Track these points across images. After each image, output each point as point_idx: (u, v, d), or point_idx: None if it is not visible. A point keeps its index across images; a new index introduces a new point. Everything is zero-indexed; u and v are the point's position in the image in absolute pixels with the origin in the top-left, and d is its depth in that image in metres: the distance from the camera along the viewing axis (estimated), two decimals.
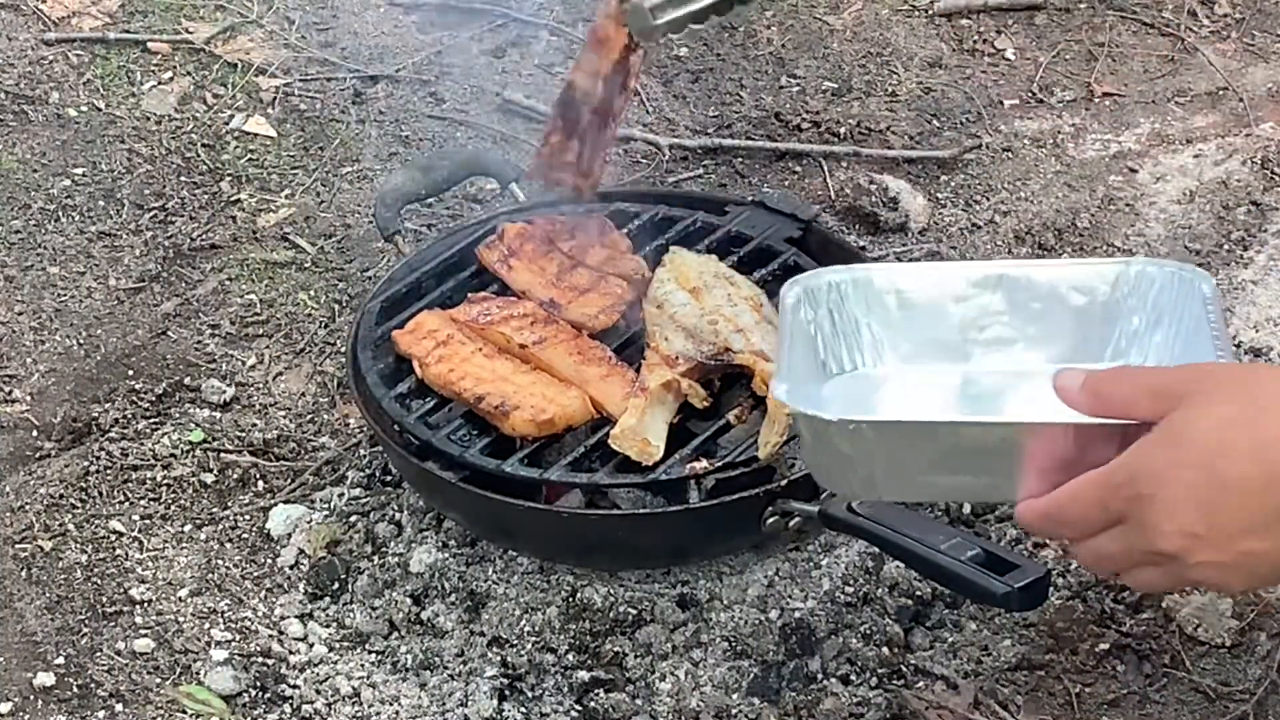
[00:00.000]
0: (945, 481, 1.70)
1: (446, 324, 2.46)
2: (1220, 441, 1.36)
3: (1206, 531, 1.37)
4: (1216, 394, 1.38)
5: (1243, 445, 1.35)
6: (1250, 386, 1.39)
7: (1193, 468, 1.36)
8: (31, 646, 2.37)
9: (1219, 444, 1.36)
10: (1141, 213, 3.11)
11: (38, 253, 3.05)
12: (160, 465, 2.63)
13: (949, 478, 1.67)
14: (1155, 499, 1.38)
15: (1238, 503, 1.35)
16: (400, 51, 3.51)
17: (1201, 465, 1.36)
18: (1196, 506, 1.36)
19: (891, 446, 1.65)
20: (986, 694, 2.26)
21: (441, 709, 2.28)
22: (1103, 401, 1.45)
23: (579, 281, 2.51)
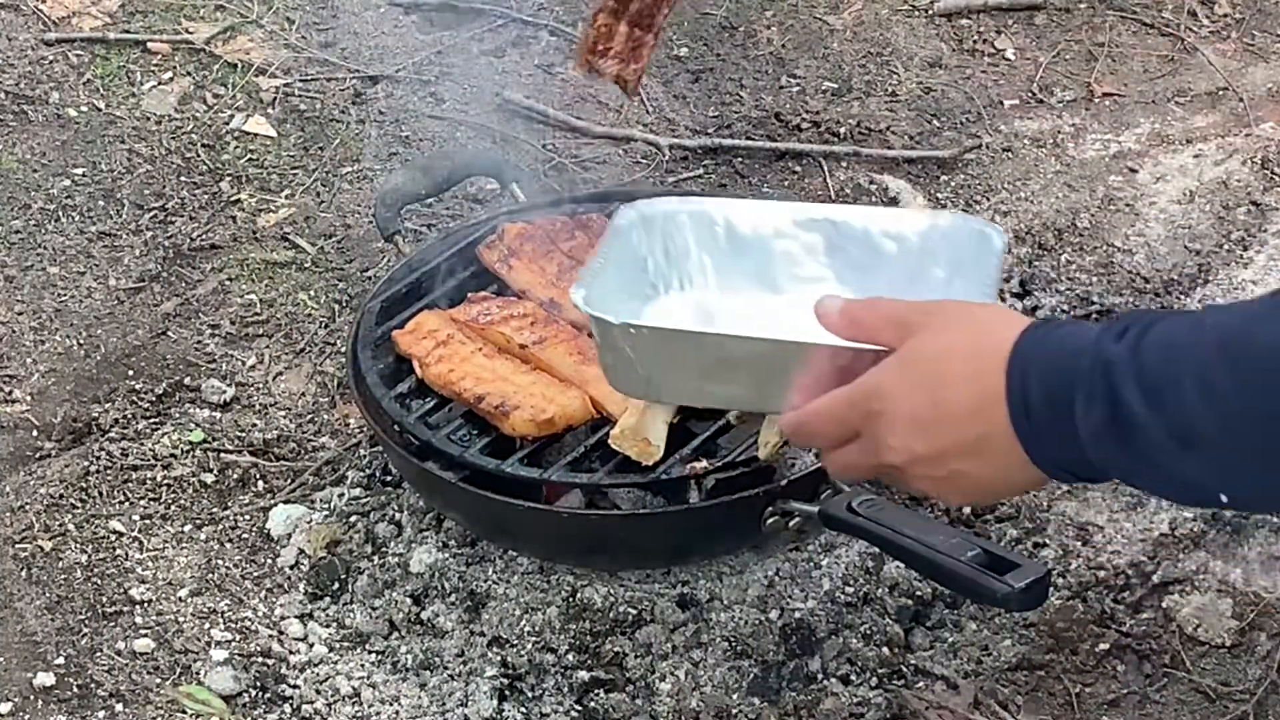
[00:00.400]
0: (718, 390, 1.88)
1: (446, 324, 2.46)
2: (941, 371, 1.49)
3: (924, 450, 1.50)
4: (945, 326, 1.52)
5: (959, 374, 1.48)
6: (975, 322, 1.52)
7: (916, 391, 1.50)
8: (31, 646, 2.37)
9: (940, 372, 1.49)
10: (1141, 213, 3.11)
11: (38, 253, 3.05)
12: (160, 465, 2.63)
13: (721, 386, 1.85)
14: (884, 416, 1.52)
15: (950, 427, 1.48)
16: (400, 51, 3.51)
17: (923, 389, 1.50)
18: (916, 427, 1.50)
19: (666, 352, 1.83)
20: (986, 694, 2.26)
21: (441, 709, 2.28)
22: (856, 328, 1.59)
23: None
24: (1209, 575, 2.39)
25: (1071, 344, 1.42)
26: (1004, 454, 1.46)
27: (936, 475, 1.52)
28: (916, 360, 1.51)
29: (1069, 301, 2.91)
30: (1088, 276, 2.97)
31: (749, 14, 3.58)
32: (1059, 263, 3.00)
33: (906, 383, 1.51)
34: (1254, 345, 1.30)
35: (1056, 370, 1.42)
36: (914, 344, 1.52)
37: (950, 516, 2.50)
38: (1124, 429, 1.37)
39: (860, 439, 1.55)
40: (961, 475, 1.51)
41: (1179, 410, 1.34)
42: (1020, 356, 1.45)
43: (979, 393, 1.46)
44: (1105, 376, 1.38)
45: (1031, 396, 1.43)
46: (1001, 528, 2.48)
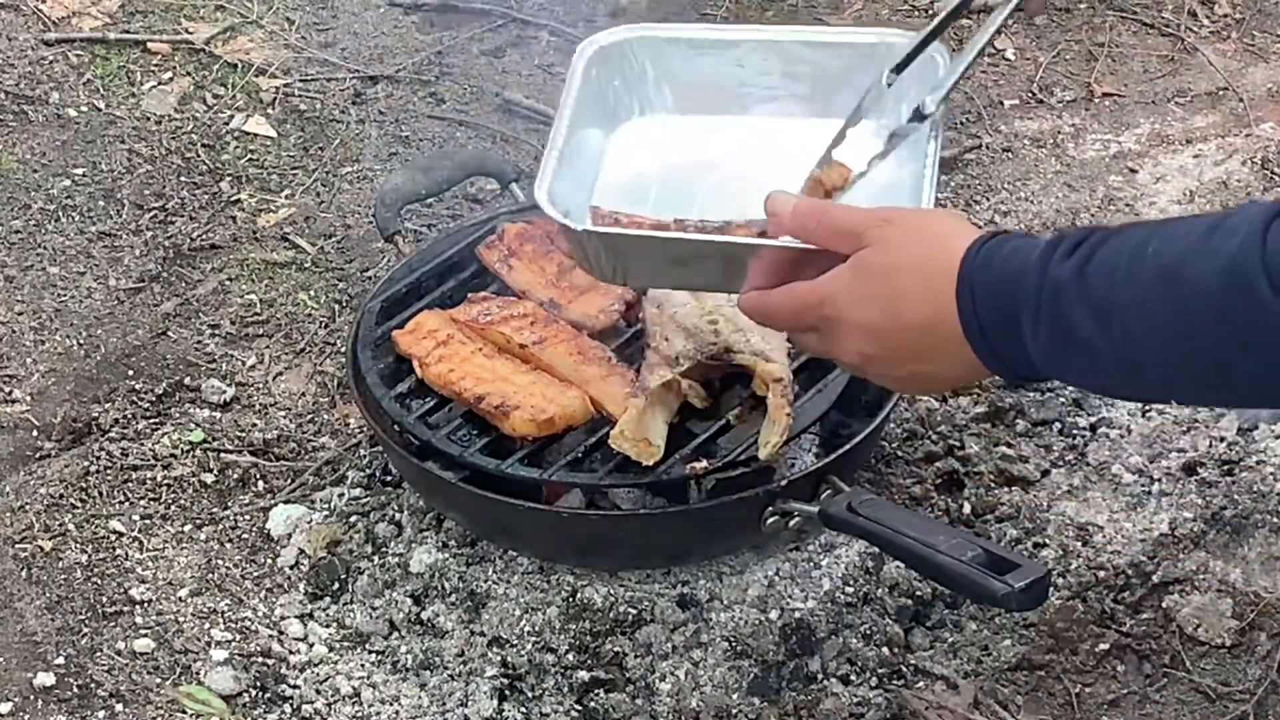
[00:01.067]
0: (683, 275, 1.96)
1: (446, 324, 2.46)
2: (893, 285, 1.58)
3: (879, 353, 1.61)
4: (897, 240, 1.60)
5: (911, 289, 1.57)
6: (925, 235, 1.61)
7: (869, 303, 1.59)
8: (31, 646, 2.37)
9: (892, 286, 1.58)
10: (1141, 213, 3.11)
11: (38, 253, 3.05)
12: (160, 465, 2.63)
13: (685, 273, 1.92)
14: (839, 323, 1.62)
15: (903, 337, 1.59)
16: (400, 51, 3.51)
17: (876, 302, 1.59)
18: (869, 335, 1.60)
19: (628, 250, 1.90)
20: (986, 694, 2.26)
21: (441, 709, 2.28)
22: (807, 233, 1.68)
23: (579, 281, 2.50)
24: (1209, 575, 2.39)
25: (1014, 265, 1.51)
26: (956, 357, 1.56)
27: (892, 374, 1.64)
28: (869, 273, 1.60)
29: None
30: None
31: (749, 14, 3.58)
32: None
33: (859, 294, 1.60)
34: (1186, 282, 1.39)
35: (1002, 290, 1.51)
36: (866, 256, 1.60)
37: (950, 516, 2.50)
38: (1074, 347, 1.47)
39: (818, 334, 1.65)
40: (915, 375, 1.62)
41: (1125, 335, 1.43)
42: (968, 275, 1.53)
43: (931, 308, 1.55)
44: (1053, 299, 1.46)
45: (982, 313, 1.52)
46: (1001, 528, 2.48)
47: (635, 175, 2.09)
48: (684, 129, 2.14)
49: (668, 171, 2.09)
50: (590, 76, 2.10)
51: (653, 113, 2.16)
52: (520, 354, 2.40)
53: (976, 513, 2.51)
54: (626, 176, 2.09)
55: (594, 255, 1.93)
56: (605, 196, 2.04)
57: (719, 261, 1.83)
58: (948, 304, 1.54)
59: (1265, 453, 2.58)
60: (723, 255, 1.82)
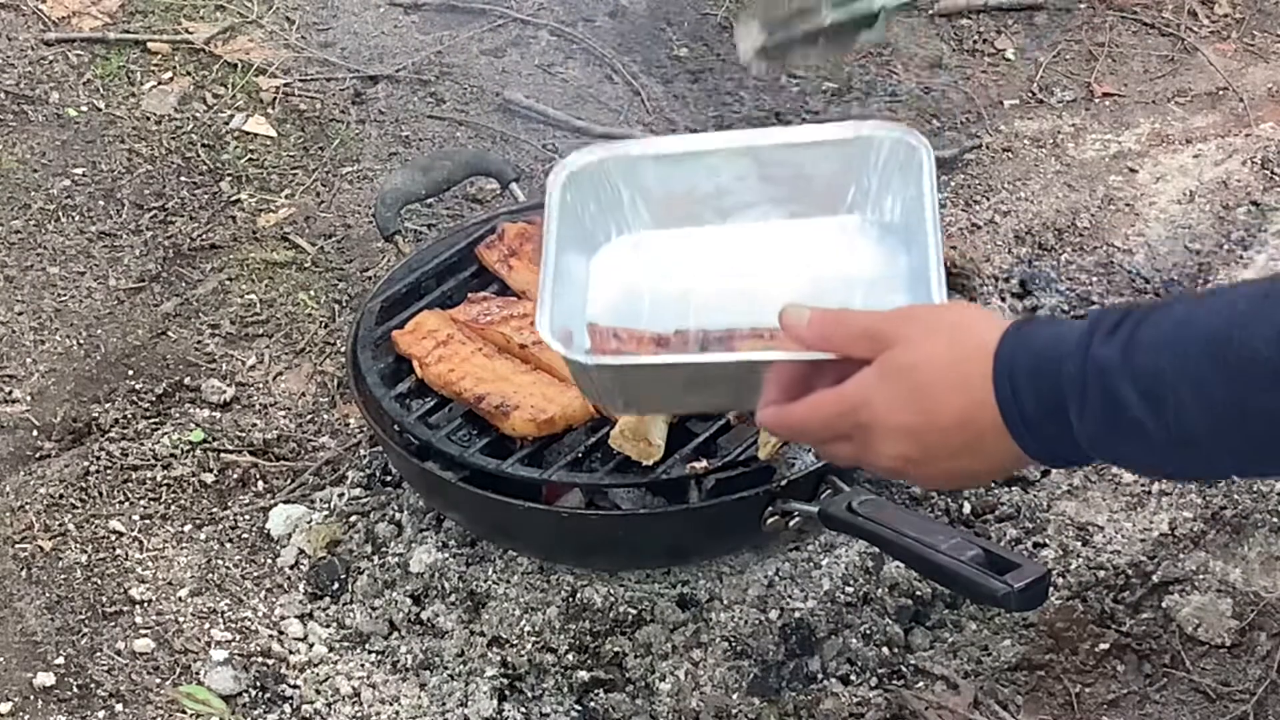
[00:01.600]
0: (696, 400, 1.92)
1: (446, 324, 2.46)
2: (925, 382, 1.54)
3: (917, 455, 1.56)
4: (923, 335, 1.56)
5: (944, 383, 1.53)
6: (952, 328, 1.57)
7: (903, 403, 1.55)
8: (31, 646, 2.37)
9: (924, 383, 1.54)
10: (1141, 213, 3.11)
11: (38, 253, 3.05)
12: (160, 465, 2.63)
13: (698, 397, 1.87)
14: (873, 428, 1.57)
15: (939, 437, 1.54)
16: (400, 51, 3.51)
17: (909, 401, 1.54)
18: (907, 436, 1.56)
19: (638, 380, 1.83)
20: (986, 694, 2.26)
21: (441, 709, 2.28)
22: (827, 342, 1.63)
23: None
24: (1209, 575, 2.39)
25: (1054, 349, 1.46)
26: (996, 450, 1.51)
27: (931, 473, 1.58)
28: (898, 372, 1.55)
29: (1069, 301, 2.91)
30: (1088, 276, 2.97)
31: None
32: (1059, 263, 3.00)
33: (891, 395, 1.55)
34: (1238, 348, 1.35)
35: (1044, 376, 1.46)
36: (893, 355, 1.56)
37: (950, 516, 2.50)
38: (1124, 428, 1.42)
39: (851, 441, 1.60)
40: (954, 471, 1.57)
41: (1176, 410, 1.39)
42: (1005, 363, 1.49)
43: (966, 401, 1.51)
44: (1099, 379, 1.42)
45: (1024, 401, 1.48)
46: (1001, 528, 2.48)
47: (624, 295, 2.01)
48: (665, 244, 2.07)
49: (656, 287, 2.02)
50: (566, 202, 2.03)
51: (631, 232, 2.08)
52: (520, 354, 2.40)
53: (976, 513, 2.51)
54: (616, 297, 2.01)
55: (602, 388, 1.87)
56: (597, 319, 1.96)
57: (736, 381, 1.76)
58: (984, 395, 1.50)
59: None
60: (742, 374, 1.75)
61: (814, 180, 2.05)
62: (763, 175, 2.07)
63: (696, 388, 1.83)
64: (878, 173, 2.03)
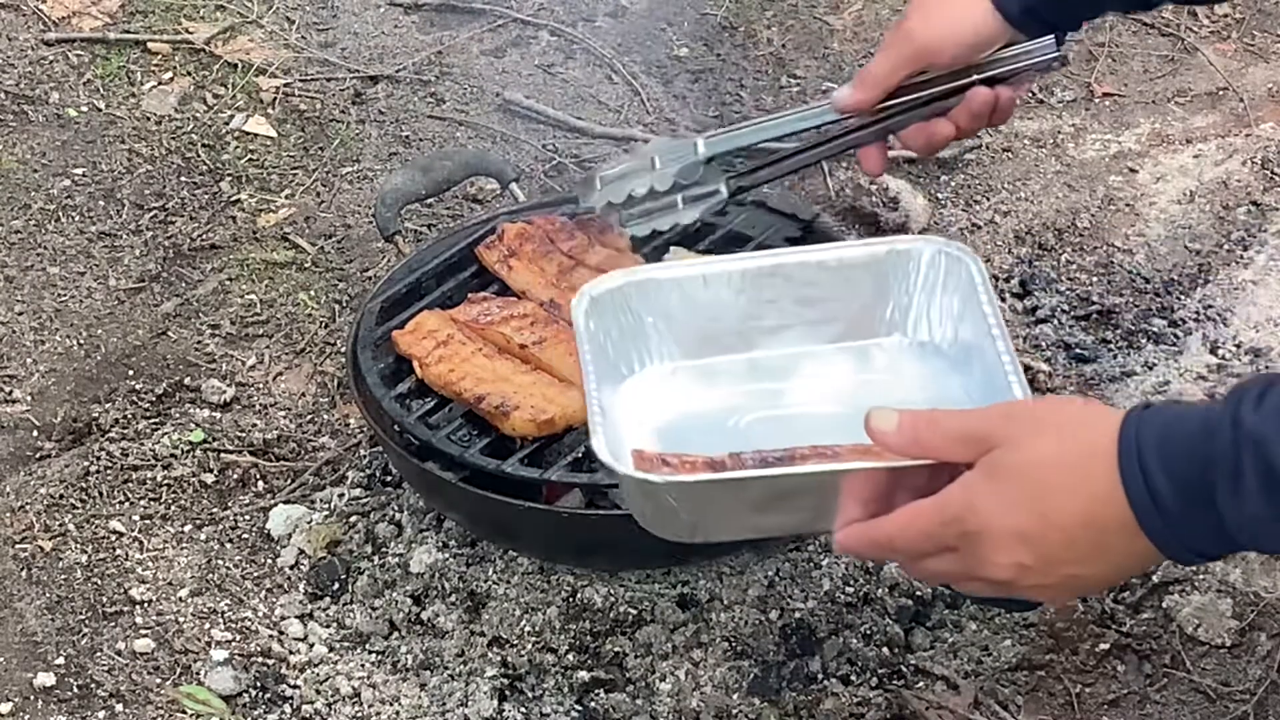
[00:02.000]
0: (765, 521, 1.76)
1: (446, 324, 2.46)
2: (1039, 481, 1.44)
3: (1034, 563, 1.45)
4: (1029, 433, 1.46)
5: (1061, 482, 1.43)
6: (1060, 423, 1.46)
7: (1017, 507, 1.44)
8: (31, 646, 2.37)
9: (1039, 482, 1.43)
10: (1141, 213, 3.11)
11: (38, 253, 3.05)
12: (160, 465, 2.63)
13: (769, 518, 1.73)
14: (983, 536, 1.46)
15: (1060, 539, 1.44)
16: (400, 51, 3.51)
17: (1024, 504, 1.44)
18: (1023, 542, 1.44)
19: (713, 497, 1.70)
20: (986, 694, 2.26)
21: (441, 709, 2.29)
22: (920, 447, 1.52)
23: (579, 281, 2.50)
24: (1209, 575, 2.39)
25: (1190, 427, 1.36)
26: (1120, 548, 1.42)
27: (1047, 583, 1.48)
28: (1008, 474, 1.45)
29: (1069, 301, 2.91)
30: (1088, 276, 2.97)
31: (749, 14, 3.58)
32: (1059, 263, 3.00)
33: (1003, 499, 1.45)
34: None
35: (1185, 456, 1.37)
36: (999, 457, 1.46)
37: None
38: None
39: (957, 554, 1.49)
40: (1072, 578, 1.47)
41: None
42: (1132, 452, 1.39)
43: (1088, 498, 1.41)
44: (1256, 450, 1.32)
45: (1158, 489, 1.38)
46: None
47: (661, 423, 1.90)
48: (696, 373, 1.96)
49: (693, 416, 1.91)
50: (590, 330, 1.93)
51: (659, 360, 1.98)
52: (520, 354, 2.40)
53: None
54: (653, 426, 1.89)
55: (670, 511, 1.72)
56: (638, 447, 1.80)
57: (816, 496, 1.65)
58: (1107, 490, 1.40)
59: None
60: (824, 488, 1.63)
61: (849, 301, 1.97)
62: (794, 297, 1.98)
63: (773, 505, 1.71)
64: (918, 289, 1.95)
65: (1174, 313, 2.90)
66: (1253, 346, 2.81)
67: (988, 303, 1.88)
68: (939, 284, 1.94)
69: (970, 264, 1.92)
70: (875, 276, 1.97)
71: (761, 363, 1.97)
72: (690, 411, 1.93)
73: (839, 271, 1.97)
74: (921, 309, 1.96)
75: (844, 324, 1.97)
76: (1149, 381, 2.76)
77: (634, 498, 1.77)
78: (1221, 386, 2.73)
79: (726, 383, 1.96)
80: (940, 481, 1.52)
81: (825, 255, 1.99)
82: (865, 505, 1.56)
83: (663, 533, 1.78)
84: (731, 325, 1.98)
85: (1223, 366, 2.78)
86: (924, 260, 1.95)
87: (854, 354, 1.96)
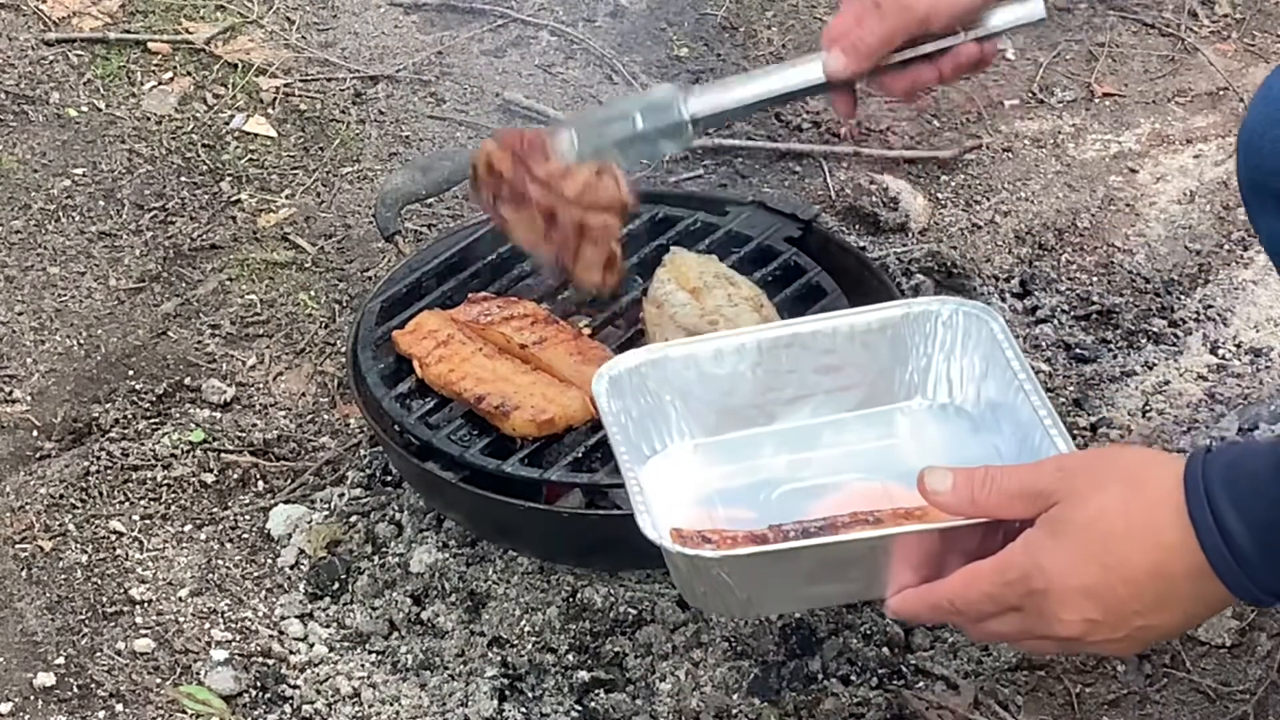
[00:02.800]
0: (818, 591, 1.76)
1: (447, 324, 2.46)
2: (1106, 535, 1.42)
3: (1103, 617, 1.44)
4: (1092, 486, 1.44)
5: (1127, 534, 1.42)
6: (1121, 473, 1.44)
7: (1083, 562, 1.43)
8: (31, 646, 2.37)
9: (1104, 535, 1.42)
10: (1141, 213, 3.11)
11: (38, 253, 3.05)
12: (160, 465, 2.63)
13: (822, 588, 1.73)
14: (1050, 593, 1.45)
15: (1129, 591, 1.43)
16: (400, 51, 3.51)
17: (1091, 558, 1.43)
18: (1090, 597, 1.44)
19: (769, 570, 1.69)
20: (986, 694, 2.26)
21: (441, 709, 2.29)
22: (977, 506, 1.51)
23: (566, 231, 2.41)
24: None
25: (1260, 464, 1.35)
26: (1190, 597, 1.41)
27: (1116, 638, 1.47)
28: (1072, 529, 1.44)
29: (1069, 301, 2.91)
30: (1088, 276, 2.97)
31: (749, 14, 3.58)
32: (1059, 263, 3.00)
33: (1069, 556, 1.43)
34: None
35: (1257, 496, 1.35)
36: (1062, 512, 1.45)
37: None
38: None
39: (1021, 614, 1.48)
40: (1144, 630, 1.46)
41: None
42: (1201, 496, 1.38)
43: (1157, 547, 1.40)
44: None
45: (1232, 533, 1.37)
46: None
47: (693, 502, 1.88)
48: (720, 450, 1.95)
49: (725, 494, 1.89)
50: (614, 411, 1.92)
51: (681, 439, 1.96)
52: (520, 354, 2.40)
53: None
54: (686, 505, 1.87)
55: (722, 586, 1.70)
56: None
57: (869, 563, 1.64)
58: (1177, 537, 1.39)
59: None
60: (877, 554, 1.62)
61: (868, 367, 1.96)
62: (812, 366, 1.97)
63: (826, 575, 1.70)
64: (937, 350, 1.95)
65: (1174, 313, 2.90)
66: (1253, 346, 2.81)
67: (1014, 359, 1.86)
68: (958, 344, 1.93)
69: (991, 322, 1.91)
70: (893, 340, 1.96)
71: (784, 435, 1.96)
72: (720, 488, 1.92)
73: (856, 337, 1.96)
74: (941, 370, 1.95)
75: (864, 390, 1.97)
76: (1149, 381, 2.76)
77: (685, 576, 1.75)
78: (1221, 386, 2.73)
79: (751, 457, 1.95)
80: (991, 540, 1.50)
81: (840, 322, 1.98)
82: (917, 569, 1.55)
83: (716, 610, 1.77)
84: (750, 398, 1.97)
85: (1223, 366, 2.78)
86: (941, 321, 1.94)
87: (877, 420, 1.95)
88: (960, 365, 1.93)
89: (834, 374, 1.97)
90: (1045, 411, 1.79)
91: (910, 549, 1.56)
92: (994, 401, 1.89)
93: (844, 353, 1.96)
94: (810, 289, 2.50)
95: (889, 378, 1.96)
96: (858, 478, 1.86)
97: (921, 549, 1.55)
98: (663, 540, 1.70)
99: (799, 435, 1.96)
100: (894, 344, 1.96)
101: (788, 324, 2.02)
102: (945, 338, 1.94)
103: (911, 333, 1.95)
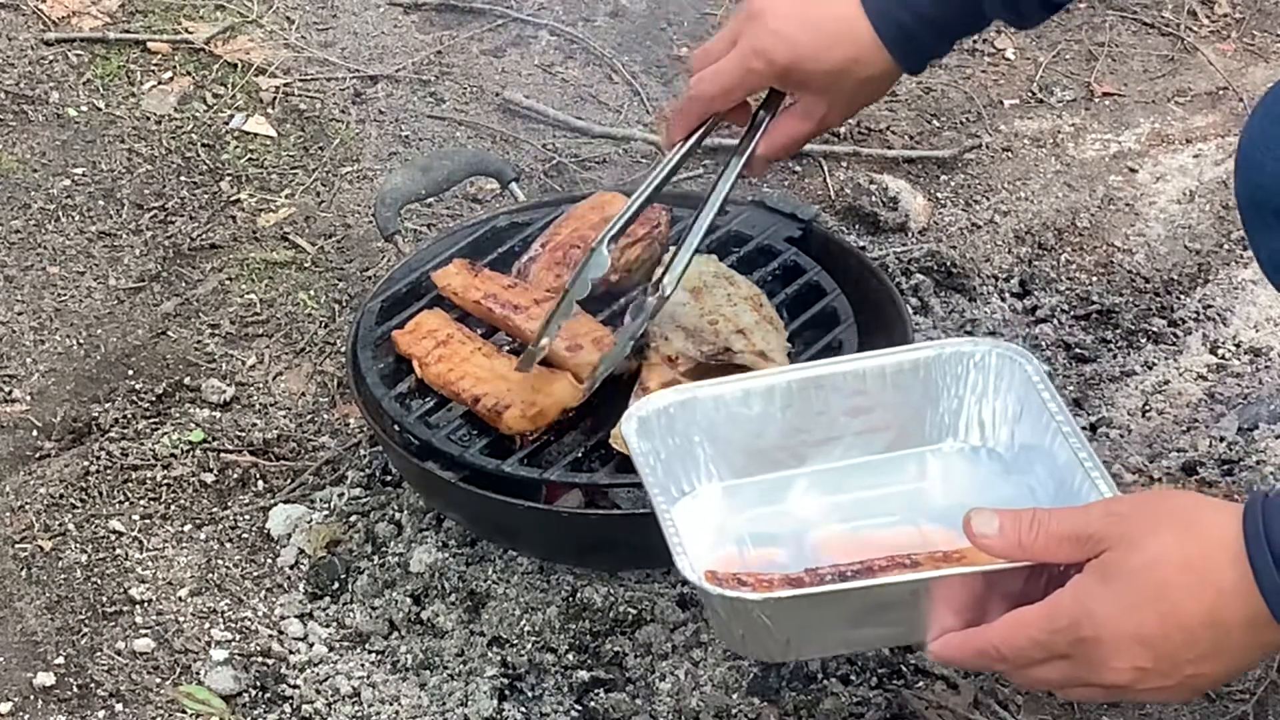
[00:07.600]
0: (859, 635, 1.75)
1: (446, 324, 2.46)
2: (1160, 582, 1.41)
3: (1154, 664, 1.43)
4: (1145, 532, 1.42)
5: (1183, 581, 1.40)
6: (1175, 520, 1.43)
7: (1136, 609, 1.41)
8: (31, 646, 2.37)
9: (1158, 583, 1.41)
10: (1141, 213, 3.11)
11: (38, 253, 3.05)
12: (160, 465, 2.63)
13: (863, 631, 1.72)
14: (1100, 641, 1.43)
15: (1183, 638, 1.41)
16: (400, 51, 3.51)
17: (1144, 606, 1.41)
18: (1143, 644, 1.42)
19: (810, 613, 1.68)
20: (986, 694, 2.26)
21: (441, 709, 2.29)
22: (1024, 550, 1.49)
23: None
24: None
25: None
26: (1246, 643, 1.40)
27: (1167, 685, 1.45)
28: (1125, 576, 1.42)
29: (1069, 301, 2.91)
30: (1088, 276, 2.98)
31: None
32: (1059, 262, 3.00)
33: (1121, 602, 1.42)
34: None
35: None
36: (1115, 559, 1.43)
37: None
38: None
39: (1069, 661, 1.47)
40: (1195, 678, 1.44)
41: None
42: (1261, 541, 1.37)
43: (1213, 595, 1.39)
44: None
45: None
46: None
47: (726, 544, 1.88)
48: (752, 492, 1.94)
49: (758, 538, 1.89)
50: (643, 452, 1.91)
51: (710, 481, 1.96)
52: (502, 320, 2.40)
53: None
54: (720, 547, 1.87)
55: (763, 630, 1.69)
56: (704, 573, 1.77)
57: (912, 607, 1.63)
58: (1234, 583, 1.37)
59: (1265, 453, 2.58)
60: (919, 598, 1.61)
61: (898, 409, 1.95)
62: (842, 408, 1.96)
63: (867, 618, 1.69)
64: (968, 392, 1.94)
65: (1174, 312, 2.90)
66: (1253, 346, 2.81)
67: (1051, 400, 1.85)
68: (990, 386, 1.93)
69: (1025, 364, 1.90)
70: (924, 382, 1.95)
71: (814, 477, 1.95)
72: (751, 530, 1.91)
73: (886, 379, 1.95)
74: (973, 412, 1.94)
75: (894, 432, 1.96)
76: (1149, 381, 2.76)
77: (724, 619, 1.74)
78: (1221, 386, 2.73)
79: (781, 499, 1.95)
80: (1035, 584, 1.49)
81: (870, 363, 1.97)
82: (959, 613, 1.53)
83: (756, 654, 1.77)
84: (779, 440, 1.96)
85: (1223, 366, 2.78)
86: (973, 362, 1.93)
87: (907, 462, 1.94)
88: (993, 407, 1.93)
89: (864, 415, 1.96)
90: (1086, 454, 1.77)
91: (953, 592, 1.55)
92: (1028, 444, 1.88)
93: (874, 394, 1.96)
94: (810, 289, 2.50)
95: (920, 419, 1.95)
96: (889, 520, 1.86)
97: (964, 592, 1.54)
98: (705, 584, 1.70)
99: (829, 477, 1.95)
100: (925, 385, 1.95)
101: (817, 365, 2.01)
102: (977, 380, 1.93)
103: (943, 374, 1.95)
